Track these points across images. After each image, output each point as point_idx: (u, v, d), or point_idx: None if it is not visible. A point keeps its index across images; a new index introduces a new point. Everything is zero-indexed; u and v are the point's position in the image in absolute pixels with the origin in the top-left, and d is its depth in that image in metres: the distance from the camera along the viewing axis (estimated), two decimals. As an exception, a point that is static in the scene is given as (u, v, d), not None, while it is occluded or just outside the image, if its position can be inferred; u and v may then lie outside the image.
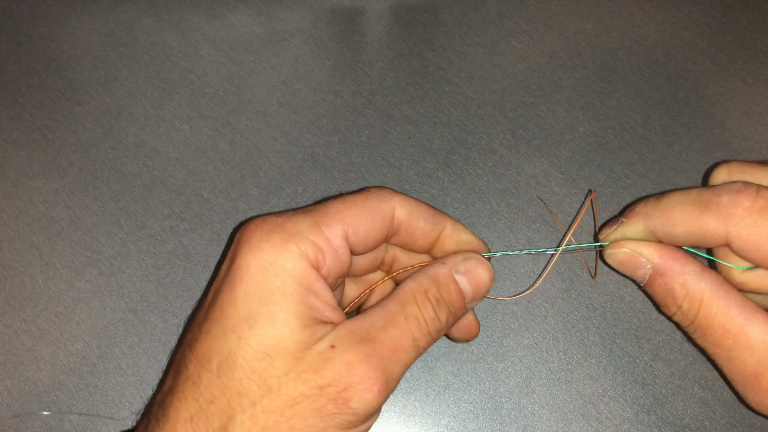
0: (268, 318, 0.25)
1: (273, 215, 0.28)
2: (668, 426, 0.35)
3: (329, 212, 0.28)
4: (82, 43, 0.45)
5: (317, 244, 0.27)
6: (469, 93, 0.44)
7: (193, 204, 0.41)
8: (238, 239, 0.28)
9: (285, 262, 0.26)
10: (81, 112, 0.43)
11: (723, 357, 0.28)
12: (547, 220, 0.40)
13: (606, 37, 0.45)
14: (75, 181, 0.41)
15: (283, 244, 0.26)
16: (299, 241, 0.26)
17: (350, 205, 0.28)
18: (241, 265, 0.26)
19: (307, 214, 0.28)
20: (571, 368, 0.36)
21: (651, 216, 0.30)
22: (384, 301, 0.28)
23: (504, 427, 0.36)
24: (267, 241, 0.26)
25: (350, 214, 0.28)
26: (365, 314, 0.27)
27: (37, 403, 0.36)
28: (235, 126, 0.43)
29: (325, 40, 0.46)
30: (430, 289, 0.29)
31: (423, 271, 0.30)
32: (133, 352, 0.37)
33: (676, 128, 0.42)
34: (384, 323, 0.27)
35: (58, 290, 0.38)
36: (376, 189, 0.30)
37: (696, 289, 0.28)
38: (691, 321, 0.29)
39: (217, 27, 0.46)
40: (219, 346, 0.26)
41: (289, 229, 0.27)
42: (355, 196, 0.29)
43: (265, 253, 0.26)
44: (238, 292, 0.26)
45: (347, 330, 0.26)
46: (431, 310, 0.28)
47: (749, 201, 0.27)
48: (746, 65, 0.44)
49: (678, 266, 0.29)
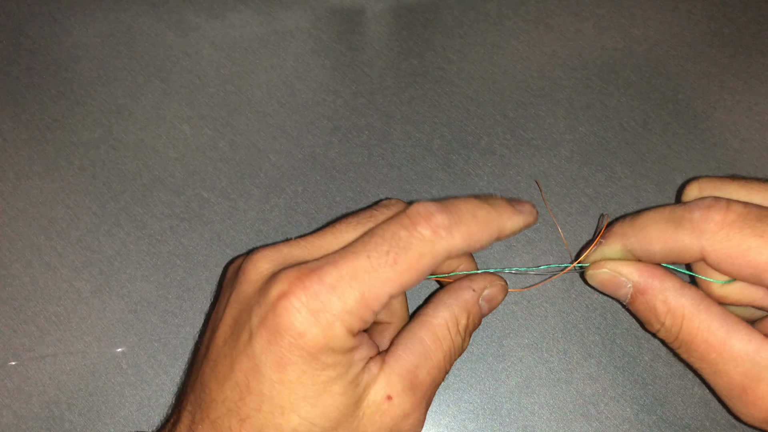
0: (327, 394, 0.26)
1: (311, 274, 0.26)
2: (668, 426, 0.35)
3: (379, 280, 0.26)
4: (82, 43, 0.45)
5: (364, 318, 0.26)
6: (469, 93, 0.44)
7: (193, 204, 0.41)
8: (275, 306, 0.25)
9: (336, 343, 0.26)
10: (81, 112, 0.43)
11: (708, 371, 0.28)
12: (547, 220, 0.40)
13: (606, 37, 0.45)
14: (75, 181, 0.41)
15: (332, 328, 0.25)
16: (347, 320, 0.26)
17: (403, 272, 0.26)
18: (290, 347, 0.25)
19: (353, 284, 0.26)
20: (571, 368, 0.36)
21: (627, 235, 0.30)
22: (418, 330, 0.29)
23: (504, 427, 0.36)
24: (316, 324, 0.25)
25: (401, 282, 0.26)
26: (406, 349, 0.28)
27: (37, 402, 0.36)
28: (235, 126, 0.43)
29: (325, 40, 0.46)
30: (461, 320, 0.30)
31: (454, 297, 0.30)
32: (133, 352, 0.37)
33: (676, 128, 0.42)
34: (426, 363, 0.28)
35: (58, 290, 0.38)
36: (431, 233, 0.27)
37: (677, 304, 0.29)
38: (675, 337, 0.29)
39: (217, 27, 0.46)
40: (277, 423, 0.26)
41: (336, 306, 0.25)
42: (409, 255, 0.26)
43: (315, 338, 0.25)
44: (290, 374, 0.25)
45: (397, 375, 0.27)
46: (461, 341, 0.30)
47: (720, 215, 0.27)
48: (746, 65, 0.44)
49: (658, 283, 0.29)
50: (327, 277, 0.26)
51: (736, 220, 0.27)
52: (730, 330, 0.27)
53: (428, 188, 0.41)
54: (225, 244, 0.39)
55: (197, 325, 0.38)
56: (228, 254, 0.39)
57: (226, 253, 0.39)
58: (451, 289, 0.31)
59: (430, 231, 0.27)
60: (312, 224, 0.40)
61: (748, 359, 0.27)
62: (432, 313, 0.30)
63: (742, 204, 0.27)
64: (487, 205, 0.29)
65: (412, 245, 0.26)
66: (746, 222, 0.27)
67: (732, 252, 0.27)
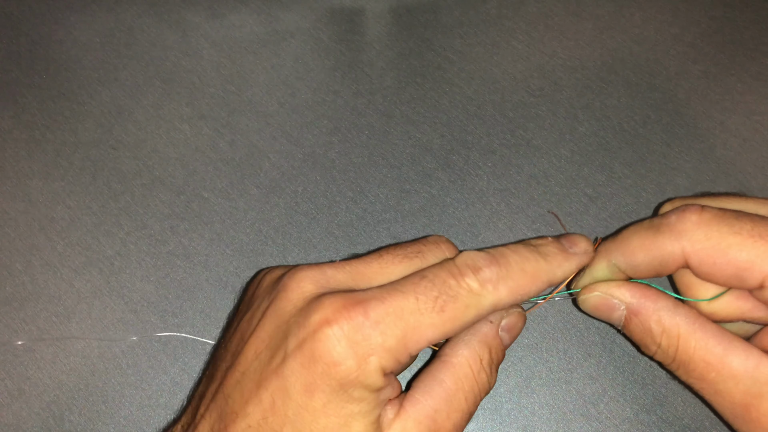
0: (347, 429, 0.25)
1: (357, 305, 0.25)
2: (668, 426, 0.35)
3: (423, 325, 0.26)
4: (82, 43, 0.45)
5: (400, 361, 0.26)
6: (469, 93, 0.44)
7: (193, 204, 0.41)
8: (315, 332, 0.25)
9: (367, 379, 0.25)
10: (81, 112, 0.43)
11: (709, 391, 0.28)
12: (547, 220, 0.40)
13: (606, 37, 0.45)
14: (75, 181, 0.41)
15: (367, 363, 0.25)
16: (384, 359, 0.25)
17: (447, 321, 0.26)
18: (322, 374, 0.25)
19: (397, 324, 0.25)
20: (571, 368, 0.36)
21: (611, 250, 0.30)
22: (439, 372, 0.28)
23: (504, 427, 0.36)
24: (353, 357, 0.25)
25: (443, 331, 0.26)
26: (425, 393, 0.27)
27: (37, 402, 0.36)
28: (235, 126, 0.43)
29: (325, 40, 0.46)
30: (483, 356, 0.28)
31: (473, 331, 0.29)
32: (133, 352, 0.37)
33: (676, 128, 0.42)
34: (447, 408, 0.27)
35: (58, 290, 0.38)
36: (479, 286, 0.27)
37: (672, 324, 0.28)
38: (672, 358, 0.28)
39: (217, 27, 0.46)
40: None
41: (375, 342, 0.25)
42: (456, 306, 0.26)
43: (349, 370, 0.25)
44: (317, 402, 0.25)
45: (414, 422, 0.26)
46: (486, 379, 0.28)
47: (696, 215, 0.27)
48: (746, 65, 0.44)
49: (651, 303, 0.29)
50: (372, 312, 0.25)
51: (713, 218, 0.27)
52: (727, 347, 0.27)
53: (428, 188, 0.41)
54: (225, 244, 0.39)
55: (197, 325, 0.38)
56: (228, 254, 0.39)
57: (226, 253, 0.39)
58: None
59: (477, 285, 0.27)
60: (312, 224, 0.40)
61: (747, 376, 0.26)
62: (450, 352, 0.28)
63: (716, 207, 0.28)
64: (538, 256, 0.28)
65: (461, 296, 0.26)
66: (723, 219, 0.27)
67: (713, 251, 0.27)
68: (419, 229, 0.40)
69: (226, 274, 0.39)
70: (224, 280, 0.39)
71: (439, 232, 0.40)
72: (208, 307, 0.38)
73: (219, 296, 0.38)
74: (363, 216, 0.40)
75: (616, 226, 0.39)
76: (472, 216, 0.40)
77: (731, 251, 0.27)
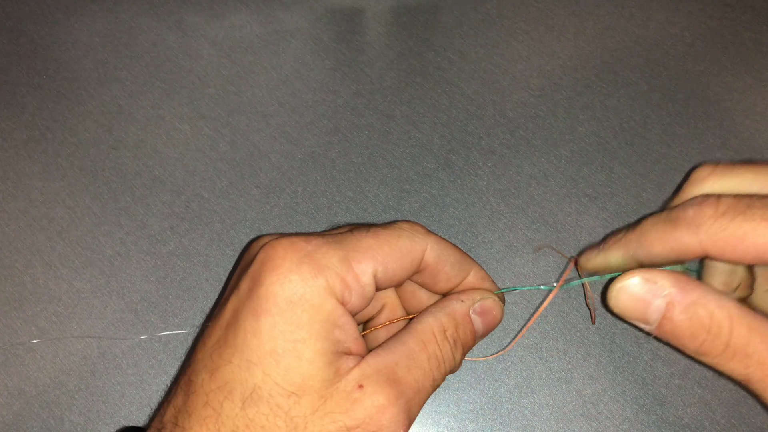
0: (294, 355, 0.25)
1: (300, 239, 0.27)
2: (668, 426, 0.35)
3: (360, 247, 0.27)
4: (82, 43, 0.45)
5: (346, 281, 0.27)
6: (469, 93, 0.44)
7: (193, 204, 0.41)
8: (263, 261, 0.27)
9: (313, 297, 0.26)
10: (81, 112, 0.43)
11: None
12: (547, 220, 0.40)
13: (606, 37, 0.45)
14: (75, 181, 0.41)
15: (313, 278, 0.26)
16: (329, 276, 0.26)
17: (382, 243, 0.28)
18: (267, 294, 0.26)
19: (337, 246, 0.27)
20: (571, 368, 0.36)
21: (629, 241, 0.30)
22: (403, 335, 0.28)
23: (504, 427, 0.36)
24: (296, 272, 0.26)
25: (382, 253, 0.28)
26: (387, 350, 0.28)
27: (37, 403, 0.36)
28: (235, 126, 0.43)
29: (325, 40, 0.46)
30: (448, 327, 0.29)
31: (441, 306, 0.30)
32: (133, 352, 0.37)
33: (676, 128, 0.42)
34: (407, 363, 0.27)
35: (58, 290, 0.38)
36: (408, 226, 0.29)
37: (721, 308, 0.27)
38: (726, 345, 0.27)
39: (217, 27, 0.46)
40: (242, 377, 0.26)
41: (318, 261, 0.26)
42: (388, 232, 0.29)
43: (293, 286, 0.26)
44: (264, 324, 0.26)
45: (373, 369, 0.27)
46: (449, 350, 0.29)
47: (711, 209, 0.27)
48: (746, 65, 0.44)
49: (696, 288, 0.27)
50: (314, 240, 0.27)
51: (728, 210, 0.27)
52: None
53: (428, 188, 0.41)
54: (225, 244, 0.39)
55: (197, 325, 0.38)
56: (228, 254, 0.39)
57: (226, 253, 0.39)
58: (439, 301, 0.31)
59: (408, 225, 0.30)
60: (312, 224, 0.40)
61: None
62: (417, 320, 0.29)
63: (732, 196, 0.28)
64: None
65: (392, 227, 0.29)
66: (737, 210, 0.27)
67: (730, 240, 0.27)
68: (419, 229, 0.40)
69: (226, 274, 0.39)
70: (224, 280, 0.39)
71: (439, 232, 0.40)
72: (208, 307, 0.38)
73: (219, 296, 0.38)
74: (363, 216, 0.40)
75: (616, 225, 0.39)
76: (472, 216, 0.40)
77: (747, 238, 0.26)
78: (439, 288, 0.31)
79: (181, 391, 0.27)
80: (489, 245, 0.39)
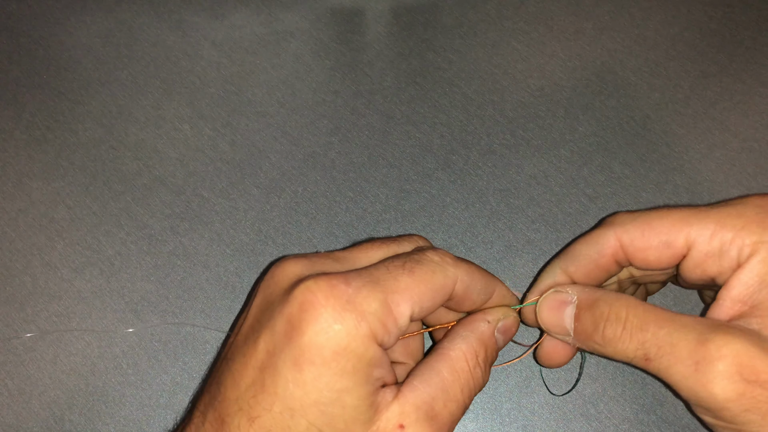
0: (339, 404, 0.25)
1: (339, 281, 0.26)
2: (668, 426, 0.35)
3: (399, 288, 0.27)
4: (82, 43, 0.45)
5: (387, 326, 0.26)
6: (469, 93, 0.44)
7: (193, 204, 0.41)
8: (301, 305, 0.26)
9: (357, 347, 0.25)
10: (81, 112, 0.43)
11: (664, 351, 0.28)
12: (547, 220, 0.40)
13: (606, 37, 0.45)
14: (75, 181, 0.41)
15: (356, 328, 0.25)
16: (371, 322, 0.26)
17: (419, 282, 0.27)
18: (310, 345, 0.25)
19: (377, 289, 0.26)
20: (571, 368, 0.36)
21: (558, 257, 0.33)
22: (436, 362, 0.29)
23: (504, 427, 0.36)
24: (340, 322, 0.25)
25: (418, 292, 0.27)
26: (422, 381, 0.28)
27: (37, 402, 0.36)
28: (235, 126, 0.43)
29: (325, 40, 0.46)
30: (479, 352, 0.30)
31: (470, 329, 0.30)
32: (133, 351, 0.37)
33: (676, 128, 0.42)
34: (443, 396, 0.28)
35: (58, 290, 0.38)
36: (439, 258, 0.29)
37: (619, 299, 0.30)
38: (623, 327, 0.29)
39: (217, 27, 0.46)
40: (285, 426, 0.26)
41: (360, 307, 0.26)
42: (422, 268, 0.28)
43: (338, 336, 0.25)
44: (307, 375, 0.25)
45: (412, 406, 0.27)
46: (480, 375, 0.29)
47: (624, 212, 0.32)
48: (746, 65, 0.44)
49: (599, 290, 0.31)
50: (353, 281, 0.26)
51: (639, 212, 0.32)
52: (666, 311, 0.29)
53: (428, 188, 0.41)
54: (225, 244, 0.39)
55: (198, 325, 0.38)
56: (228, 254, 0.39)
57: (226, 253, 0.39)
58: (466, 322, 0.31)
59: (439, 257, 0.29)
60: (312, 224, 0.40)
61: (696, 322, 0.27)
62: (449, 345, 0.29)
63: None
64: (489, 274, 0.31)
65: (425, 261, 0.28)
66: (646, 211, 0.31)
67: (639, 225, 0.30)
68: (419, 229, 0.40)
69: (226, 274, 0.39)
70: (224, 280, 0.39)
71: (439, 232, 0.40)
72: (208, 307, 0.38)
73: (219, 296, 0.38)
74: (363, 216, 0.40)
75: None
76: (472, 216, 0.40)
77: (654, 222, 0.30)
78: (461, 309, 0.32)
79: (212, 429, 0.27)
80: (489, 245, 0.39)
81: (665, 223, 0.30)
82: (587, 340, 0.30)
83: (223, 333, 0.37)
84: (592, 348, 0.30)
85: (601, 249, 0.31)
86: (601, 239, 0.31)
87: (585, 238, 0.32)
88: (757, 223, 0.28)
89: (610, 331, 0.29)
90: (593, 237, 0.32)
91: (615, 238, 0.31)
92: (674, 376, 0.27)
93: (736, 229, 0.28)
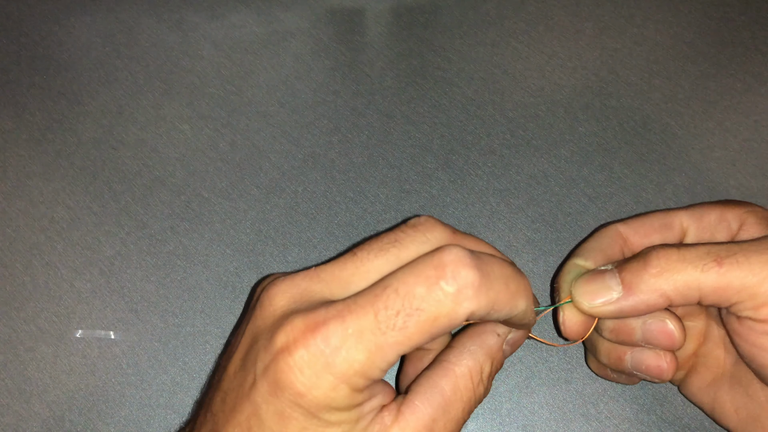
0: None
1: (327, 327, 0.24)
2: (668, 426, 0.35)
3: (387, 343, 0.24)
4: (82, 43, 0.45)
5: (372, 376, 0.25)
6: (469, 93, 0.44)
7: (193, 204, 0.41)
8: (286, 350, 0.24)
9: (343, 400, 0.24)
10: (81, 112, 0.43)
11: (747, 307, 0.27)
12: (547, 220, 0.40)
13: (606, 37, 0.45)
14: (75, 181, 0.41)
15: (334, 390, 0.24)
16: (352, 381, 0.24)
17: (412, 335, 0.24)
18: (294, 399, 0.24)
19: (359, 345, 0.24)
20: (571, 368, 0.36)
21: (570, 258, 0.33)
22: (438, 378, 0.27)
23: (504, 427, 0.36)
24: (317, 387, 0.24)
25: (410, 345, 0.25)
26: (423, 399, 0.27)
27: (37, 402, 0.36)
28: (235, 126, 0.43)
29: (325, 40, 0.46)
30: (485, 367, 0.28)
31: (479, 342, 0.29)
32: (133, 351, 0.37)
33: (676, 128, 0.42)
34: (444, 417, 0.27)
35: (58, 290, 0.38)
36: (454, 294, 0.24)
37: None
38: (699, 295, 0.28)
39: (217, 27, 0.46)
40: None
41: (340, 369, 0.24)
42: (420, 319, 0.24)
43: (318, 399, 0.24)
44: (292, 429, 0.25)
45: (413, 430, 0.26)
46: (483, 390, 0.28)
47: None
48: (745, 65, 0.44)
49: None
50: (333, 337, 0.24)
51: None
52: None
53: (428, 188, 0.41)
54: (225, 244, 0.39)
55: (198, 325, 0.38)
56: (228, 254, 0.39)
57: (226, 253, 0.39)
58: (475, 333, 0.29)
59: (454, 289, 0.24)
60: (312, 224, 0.40)
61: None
62: (455, 360, 0.28)
63: None
64: (522, 278, 0.27)
65: (427, 307, 0.24)
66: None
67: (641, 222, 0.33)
68: (419, 229, 0.40)
69: (226, 274, 0.39)
70: (224, 280, 0.39)
71: (439, 232, 0.40)
72: (208, 307, 0.38)
73: (219, 296, 0.38)
74: (363, 216, 0.40)
75: (616, 226, 0.40)
76: (472, 216, 0.40)
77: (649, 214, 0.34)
78: None
79: None
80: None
81: (660, 211, 0.33)
82: (639, 277, 0.28)
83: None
84: (647, 284, 0.28)
85: (611, 240, 0.33)
86: (608, 231, 0.33)
87: (591, 237, 0.34)
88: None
89: (664, 255, 0.28)
90: (599, 233, 0.34)
91: (618, 231, 0.33)
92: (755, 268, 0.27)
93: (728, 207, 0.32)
